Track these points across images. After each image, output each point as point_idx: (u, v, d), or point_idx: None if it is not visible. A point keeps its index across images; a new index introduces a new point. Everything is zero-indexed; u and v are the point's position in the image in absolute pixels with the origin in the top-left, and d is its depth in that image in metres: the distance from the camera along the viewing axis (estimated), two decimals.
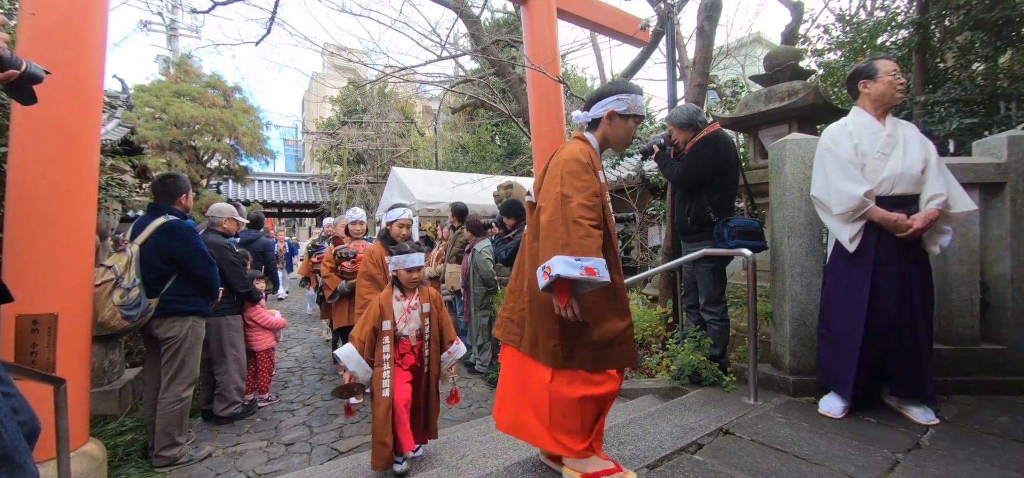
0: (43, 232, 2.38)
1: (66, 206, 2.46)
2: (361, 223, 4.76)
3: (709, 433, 2.22)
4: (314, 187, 16.62)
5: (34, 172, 2.36)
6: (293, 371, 5.21)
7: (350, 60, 10.14)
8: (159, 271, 2.85)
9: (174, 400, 2.92)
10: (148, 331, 2.92)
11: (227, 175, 11.78)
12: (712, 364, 2.99)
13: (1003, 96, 3.94)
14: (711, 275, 3.01)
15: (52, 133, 2.40)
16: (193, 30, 14.43)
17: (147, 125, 9.36)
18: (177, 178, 3.13)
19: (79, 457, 2.47)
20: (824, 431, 2.22)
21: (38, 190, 2.37)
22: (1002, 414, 2.35)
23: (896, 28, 4.55)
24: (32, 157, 2.37)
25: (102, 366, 3.45)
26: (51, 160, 2.40)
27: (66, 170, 2.45)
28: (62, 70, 2.26)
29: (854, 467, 1.88)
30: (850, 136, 2.31)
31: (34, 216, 2.36)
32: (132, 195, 4.52)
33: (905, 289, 2.25)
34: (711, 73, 6.16)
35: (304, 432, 3.54)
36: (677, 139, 3.13)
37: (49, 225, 2.39)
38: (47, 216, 2.39)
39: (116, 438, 3.07)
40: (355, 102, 16.15)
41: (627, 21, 5.64)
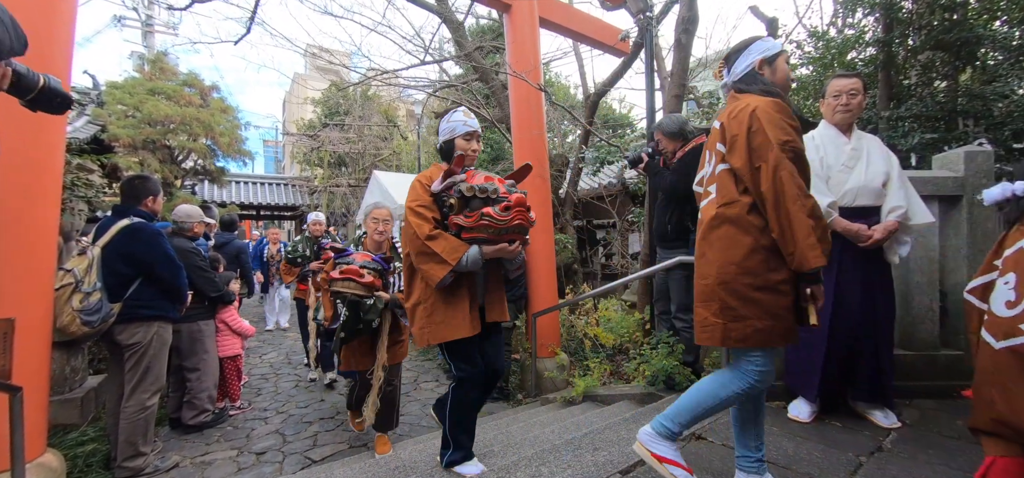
0: (1, 232, 2.28)
1: (27, 206, 2.36)
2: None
3: (682, 438, 2.25)
4: (294, 189, 16.33)
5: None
6: (267, 377, 5.10)
7: (332, 62, 10.03)
8: (122, 275, 2.76)
9: (138, 408, 2.82)
10: (111, 337, 2.82)
11: (203, 176, 11.48)
12: (685, 369, 3.04)
13: (962, 113, 4.12)
14: (685, 282, 3.07)
15: (12, 129, 2.30)
16: (170, 27, 14.09)
17: (119, 123, 9.07)
18: (146, 179, 3.04)
19: (36, 469, 2.36)
20: (792, 435, 2.27)
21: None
22: (960, 418, 2.45)
23: (863, 46, 4.72)
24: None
25: (63, 373, 3.30)
26: (10, 157, 2.30)
27: (27, 168, 2.36)
28: (24, 62, 2.17)
29: (819, 469, 1.93)
30: (816, 149, 2.39)
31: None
32: (99, 195, 4.37)
33: (867, 297, 2.33)
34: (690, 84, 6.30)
35: (276, 441, 3.46)
36: (665, 148, 3.19)
37: (7, 225, 2.30)
38: (5, 216, 2.29)
39: (77, 448, 2.95)
40: (337, 104, 15.96)
41: (608, 32, 5.73)
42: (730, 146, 1.57)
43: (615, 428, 2.41)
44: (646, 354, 3.36)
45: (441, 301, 2.05)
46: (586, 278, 6.79)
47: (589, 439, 2.27)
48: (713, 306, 1.56)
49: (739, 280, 1.50)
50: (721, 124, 1.64)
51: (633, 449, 1.76)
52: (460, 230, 1.98)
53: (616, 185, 7.93)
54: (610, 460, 2.04)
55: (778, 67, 1.70)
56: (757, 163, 1.49)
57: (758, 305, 1.49)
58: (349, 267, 2.67)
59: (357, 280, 2.66)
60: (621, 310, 4.67)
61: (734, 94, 1.70)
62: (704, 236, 1.62)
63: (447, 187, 2.03)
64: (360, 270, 2.68)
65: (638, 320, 4.10)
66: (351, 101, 15.56)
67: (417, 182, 2.10)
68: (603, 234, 8.78)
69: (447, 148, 2.16)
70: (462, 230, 1.98)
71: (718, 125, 1.67)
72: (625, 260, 7.36)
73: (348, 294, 2.66)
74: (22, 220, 2.35)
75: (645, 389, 3.17)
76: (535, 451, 2.22)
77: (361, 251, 2.90)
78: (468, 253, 1.95)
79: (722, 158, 1.62)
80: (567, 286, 5.70)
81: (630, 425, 2.44)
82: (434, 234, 1.98)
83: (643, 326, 4.09)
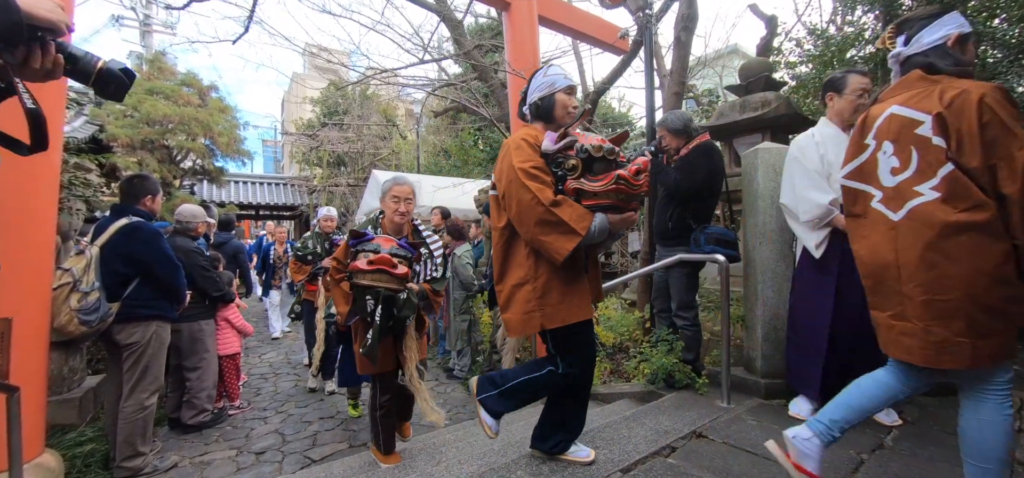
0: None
1: (24, 204, 2.35)
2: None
3: (682, 436, 2.25)
4: (293, 189, 16.31)
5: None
6: (266, 377, 5.09)
7: (330, 61, 10.00)
8: (120, 274, 2.75)
9: (137, 408, 2.81)
10: (109, 337, 2.81)
11: (202, 176, 11.46)
12: (685, 367, 3.03)
13: None
14: (684, 280, 3.06)
15: (6, 126, 2.29)
16: (168, 27, 14.06)
17: (117, 123, 9.04)
18: (144, 178, 3.03)
19: (34, 469, 2.36)
20: None
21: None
22: None
23: (863, 43, 4.72)
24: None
25: (61, 373, 3.29)
26: (6, 154, 2.29)
27: (23, 166, 2.34)
28: None
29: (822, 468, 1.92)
30: (817, 146, 2.38)
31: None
32: (97, 195, 4.35)
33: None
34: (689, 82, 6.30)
35: (276, 440, 3.45)
36: (669, 144, 3.17)
37: (4, 224, 2.28)
38: (2, 214, 2.28)
39: (75, 448, 2.94)
40: (336, 104, 15.94)
41: (607, 30, 5.71)
42: (959, 143, 1.37)
43: (615, 426, 2.40)
44: (646, 352, 3.35)
45: (556, 279, 1.76)
46: None
47: (589, 437, 2.26)
48: (957, 324, 1.36)
49: (993, 291, 1.34)
50: (937, 115, 1.40)
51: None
52: (579, 195, 1.73)
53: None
54: (610, 459, 2.03)
55: (968, 50, 1.51)
56: (993, 160, 1.33)
57: (1008, 318, 1.37)
58: (381, 257, 2.25)
59: (390, 271, 2.25)
60: (621, 308, 4.66)
61: (922, 74, 1.48)
62: (934, 246, 1.39)
63: (566, 146, 1.74)
64: (393, 259, 2.27)
65: (638, 318, 4.09)
66: (350, 100, 15.54)
67: (521, 141, 1.79)
68: None
69: (546, 105, 1.89)
70: (583, 196, 1.73)
71: (921, 116, 1.44)
72: (625, 258, 7.36)
73: (381, 289, 2.25)
74: (19, 218, 2.34)
75: (645, 387, 3.17)
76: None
77: (381, 234, 2.47)
78: (595, 222, 1.69)
79: (945, 156, 1.39)
80: None
81: (630, 423, 2.44)
82: (558, 200, 1.70)
83: (643, 324, 4.08)
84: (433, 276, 2.63)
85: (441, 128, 14.37)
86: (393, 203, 2.49)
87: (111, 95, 1.02)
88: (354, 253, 2.36)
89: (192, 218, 3.65)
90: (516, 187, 1.72)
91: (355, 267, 2.29)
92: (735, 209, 4.23)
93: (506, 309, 1.85)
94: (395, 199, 2.49)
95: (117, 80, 0.99)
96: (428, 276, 2.62)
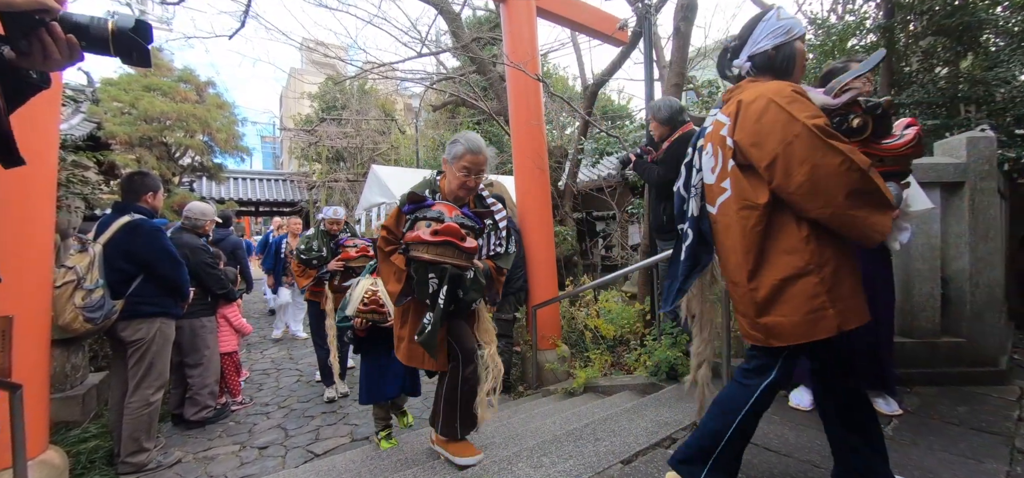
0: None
1: (21, 200, 2.35)
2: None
3: (683, 427, 2.26)
4: (292, 185, 16.30)
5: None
6: (268, 373, 5.11)
7: (328, 56, 9.96)
8: (124, 271, 2.76)
9: (142, 404, 2.83)
10: (114, 334, 2.82)
11: (200, 172, 11.46)
12: (688, 359, 3.03)
13: (963, 99, 4.10)
14: None
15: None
16: (163, 22, 13.94)
17: (115, 120, 9.03)
18: (145, 175, 3.03)
19: (38, 466, 2.37)
20: (793, 423, 2.28)
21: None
22: (961, 404, 2.45)
23: (864, 32, 4.69)
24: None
25: (64, 370, 3.31)
26: None
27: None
28: None
29: (820, 457, 1.94)
30: None
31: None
32: (96, 192, 4.35)
33: (867, 285, 2.31)
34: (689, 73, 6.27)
35: (279, 435, 3.47)
36: (655, 133, 3.17)
37: (3, 223, 2.28)
38: (1, 214, 2.28)
39: (79, 445, 2.96)
40: (334, 99, 15.88)
41: (606, 21, 5.68)
42: None
43: (616, 418, 2.41)
44: (648, 345, 3.36)
45: (847, 265, 1.43)
46: (586, 270, 6.80)
47: (590, 429, 2.27)
48: None
49: None
50: None
51: None
52: None
53: (615, 177, 7.91)
54: (611, 450, 2.04)
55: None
56: None
57: None
58: (448, 227, 1.89)
59: (459, 245, 1.91)
60: (621, 301, 4.67)
61: None
62: None
63: (849, 103, 1.45)
64: (462, 230, 1.93)
65: (639, 311, 4.10)
66: (348, 95, 15.48)
67: (794, 92, 1.41)
68: (603, 226, 8.76)
69: (785, 55, 1.51)
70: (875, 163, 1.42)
71: None
72: (625, 252, 7.35)
73: (448, 265, 1.91)
74: (17, 215, 2.33)
75: (647, 379, 3.18)
76: (537, 442, 2.23)
77: (440, 200, 2.06)
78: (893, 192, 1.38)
79: None
80: (567, 278, 5.70)
81: (631, 415, 2.45)
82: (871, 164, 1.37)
83: (644, 317, 4.09)
84: (496, 252, 2.21)
85: (440, 122, 14.33)
86: (462, 174, 2.03)
87: (135, 61, 0.98)
88: (411, 221, 1.97)
89: (201, 216, 3.66)
90: (811, 149, 1.33)
91: (415, 238, 1.91)
92: None
93: (769, 311, 1.44)
94: (465, 170, 2.02)
95: (136, 45, 0.96)
96: (491, 252, 2.21)
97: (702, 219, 1.66)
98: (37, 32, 0.89)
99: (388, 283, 2.09)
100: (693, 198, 1.68)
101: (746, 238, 1.46)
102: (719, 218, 1.57)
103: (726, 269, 1.59)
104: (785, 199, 1.40)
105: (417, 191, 2.05)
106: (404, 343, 2.13)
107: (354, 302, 2.54)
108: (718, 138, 1.55)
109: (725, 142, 1.51)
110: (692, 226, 1.68)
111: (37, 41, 0.89)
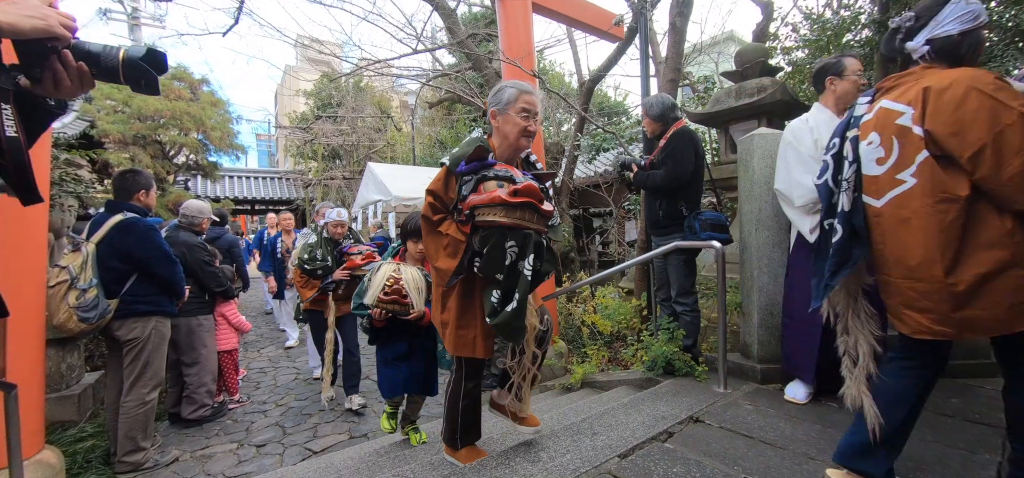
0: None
1: (15, 201, 2.33)
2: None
3: (680, 422, 2.27)
4: (288, 183, 16.25)
5: None
6: (265, 371, 5.10)
7: (323, 52, 9.90)
8: (117, 270, 2.74)
9: (137, 403, 2.82)
10: (109, 333, 2.81)
11: (195, 171, 11.39)
12: (684, 355, 3.05)
13: None
14: (682, 267, 3.07)
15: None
16: (156, 19, 13.84)
17: (108, 119, 8.96)
18: (137, 174, 3.01)
19: (34, 466, 2.37)
20: (789, 416, 2.30)
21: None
22: (954, 396, 2.48)
23: (859, 28, 4.70)
24: None
25: (59, 370, 3.30)
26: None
27: None
28: None
29: (816, 449, 1.95)
30: (811, 131, 2.38)
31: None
32: (89, 191, 4.32)
33: None
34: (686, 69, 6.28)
35: (276, 433, 3.47)
36: (647, 129, 3.17)
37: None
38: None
39: (75, 445, 2.96)
40: (329, 96, 15.82)
41: (602, 16, 5.67)
42: None
43: (613, 413, 2.42)
44: (645, 340, 3.37)
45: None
46: (583, 266, 6.81)
47: (587, 424, 2.28)
48: None
49: None
50: None
51: None
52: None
53: (612, 173, 7.92)
54: (608, 444, 2.05)
55: None
56: None
57: None
58: (529, 186, 1.68)
59: (539, 207, 1.71)
60: (618, 297, 4.68)
61: None
62: None
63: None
64: (540, 191, 1.74)
65: (635, 307, 4.12)
66: (343, 92, 15.43)
67: (996, 78, 1.38)
68: (600, 222, 8.78)
69: (972, 42, 1.49)
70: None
71: None
72: (622, 247, 7.38)
73: (532, 231, 1.71)
74: (10, 214, 2.32)
75: (644, 374, 3.19)
76: (534, 437, 2.23)
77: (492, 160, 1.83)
78: None
79: None
80: (564, 274, 5.71)
81: (628, 410, 2.46)
82: None
83: (640, 313, 4.11)
84: (552, 223, 1.96)
85: (436, 119, 14.30)
86: (521, 119, 1.81)
87: (143, 89, 0.98)
88: (474, 182, 1.73)
89: (198, 213, 3.65)
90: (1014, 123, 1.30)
91: (489, 199, 1.67)
92: (730, 197, 4.24)
93: (970, 304, 1.41)
94: (524, 113, 1.81)
95: (145, 73, 0.96)
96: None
97: (855, 214, 1.59)
98: (49, 59, 0.89)
99: (437, 259, 1.79)
100: (845, 192, 1.60)
101: (944, 232, 1.41)
102: (890, 211, 1.51)
103: (900, 265, 1.52)
104: (989, 190, 1.35)
105: (479, 142, 1.78)
106: (450, 329, 1.88)
107: (374, 289, 2.36)
108: (892, 127, 1.49)
109: (907, 132, 1.45)
110: (842, 222, 1.60)
111: (49, 69, 0.90)
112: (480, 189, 1.73)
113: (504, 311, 1.70)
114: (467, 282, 1.83)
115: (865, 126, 1.58)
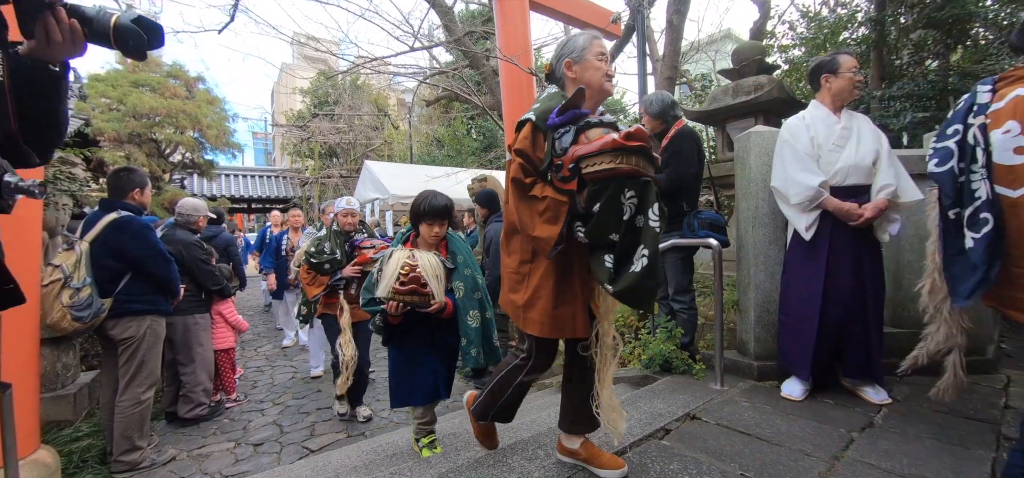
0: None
1: None
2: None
3: (677, 419, 2.28)
4: (284, 181, 16.19)
5: None
6: (263, 370, 5.08)
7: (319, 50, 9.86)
8: (111, 269, 2.72)
9: (133, 403, 2.80)
10: (103, 332, 2.79)
11: (191, 169, 11.35)
12: (682, 353, 3.06)
13: (953, 92, 4.14)
14: (680, 265, 3.08)
15: None
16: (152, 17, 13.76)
17: (103, 116, 8.91)
18: (131, 172, 2.99)
19: (30, 465, 2.35)
20: (785, 413, 2.31)
21: None
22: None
23: (856, 25, 4.72)
24: None
25: (54, 370, 3.28)
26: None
27: None
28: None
29: (812, 446, 1.96)
30: (807, 129, 2.39)
31: None
32: (84, 189, 4.29)
33: (858, 276, 2.35)
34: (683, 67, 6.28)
35: (274, 431, 3.46)
36: (647, 127, 3.17)
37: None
38: None
39: (71, 444, 2.94)
40: (326, 94, 15.77)
41: (599, 14, 5.67)
42: None
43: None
44: (643, 339, 3.38)
45: None
46: None
47: None
48: None
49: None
50: None
51: None
52: None
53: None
54: (605, 442, 2.05)
55: None
56: None
57: None
58: (639, 130, 1.39)
59: (650, 151, 1.44)
60: None
61: None
62: None
63: None
64: None
65: None
66: (340, 90, 15.38)
67: None
68: None
69: None
70: None
71: None
72: None
73: (650, 178, 1.46)
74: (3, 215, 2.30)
75: (641, 372, 3.19)
76: (532, 434, 2.23)
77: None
78: None
79: None
80: None
81: (625, 407, 2.46)
82: None
83: (638, 311, 4.11)
84: None
85: (433, 117, 14.27)
86: (601, 63, 1.65)
87: (131, 52, 1.01)
88: (574, 132, 1.48)
89: (194, 211, 3.64)
90: None
91: (600, 146, 1.39)
92: (727, 195, 4.25)
93: None
94: (601, 56, 1.66)
95: (135, 35, 0.99)
96: None
97: (995, 203, 1.54)
98: (42, 15, 0.92)
99: (534, 228, 1.50)
100: (983, 180, 1.56)
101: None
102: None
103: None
104: None
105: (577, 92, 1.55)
106: (536, 310, 1.60)
107: (387, 280, 2.06)
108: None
109: None
110: (991, 211, 1.54)
111: (41, 25, 0.92)
112: (581, 139, 1.47)
113: (630, 272, 1.42)
114: (561, 253, 1.55)
115: (998, 114, 1.53)
